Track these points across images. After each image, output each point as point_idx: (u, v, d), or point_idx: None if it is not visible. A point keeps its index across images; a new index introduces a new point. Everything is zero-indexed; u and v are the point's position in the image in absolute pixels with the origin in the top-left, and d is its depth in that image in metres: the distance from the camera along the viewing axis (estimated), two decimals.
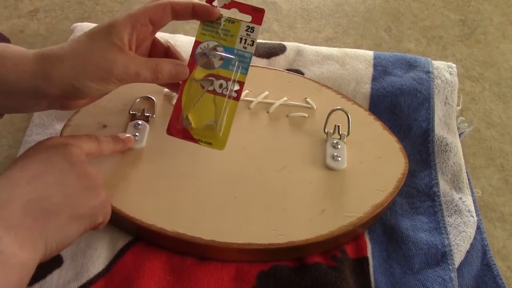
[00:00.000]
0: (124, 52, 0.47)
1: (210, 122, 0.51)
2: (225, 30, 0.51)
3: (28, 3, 0.79)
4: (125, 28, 0.47)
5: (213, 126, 0.51)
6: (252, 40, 0.51)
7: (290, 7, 0.81)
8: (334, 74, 0.66)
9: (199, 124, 0.51)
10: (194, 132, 0.51)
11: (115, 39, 0.46)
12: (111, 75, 0.46)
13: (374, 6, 0.83)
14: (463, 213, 0.56)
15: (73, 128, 0.57)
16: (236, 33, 0.51)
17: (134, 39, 0.48)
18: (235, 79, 0.51)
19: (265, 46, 0.69)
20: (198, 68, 0.51)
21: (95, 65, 0.46)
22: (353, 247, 0.54)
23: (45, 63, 0.45)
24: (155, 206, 0.52)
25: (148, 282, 0.49)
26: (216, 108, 0.51)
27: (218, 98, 0.51)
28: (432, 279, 0.51)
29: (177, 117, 0.51)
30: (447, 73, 0.67)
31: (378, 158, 0.57)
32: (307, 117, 0.60)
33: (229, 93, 0.51)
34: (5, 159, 0.61)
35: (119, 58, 0.46)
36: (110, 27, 0.47)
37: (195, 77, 0.51)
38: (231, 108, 0.51)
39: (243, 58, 0.51)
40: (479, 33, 0.80)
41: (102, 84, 0.46)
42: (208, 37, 0.51)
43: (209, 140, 0.51)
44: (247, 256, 0.51)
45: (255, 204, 0.53)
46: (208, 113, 0.51)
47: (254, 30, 0.51)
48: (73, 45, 0.46)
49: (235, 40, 0.51)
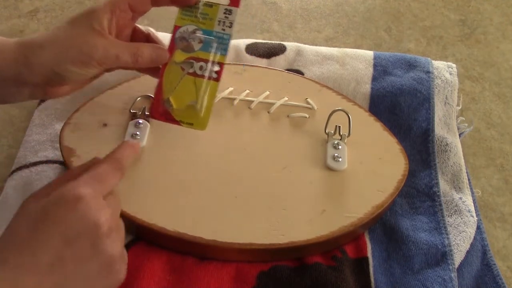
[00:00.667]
0: (104, 36, 0.48)
1: (191, 103, 0.52)
2: (203, 14, 0.52)
3: (28, 3, 0.79)
4: (105, 13, 0.48)
5: (194, 106, 0.52)
6: (230, 22, 0.52)
7: (290, 7, 0.81)
8: (334, 74, 0.66)
9: (180, 106, 0.52)
10: (176, 114, 0.52)
11: (95, 24, 0.47)
12: (92, 59, 0.47)
13: (374, 6, 0.83)
14: (463, 213, 0.56)
15: (73, 127, 0.57)
16: (214, 16, 0.52)
17: (113, 24, 0.49)
18: (215, 60, 0.52)
19: (265, 46, 0.69)
20: (178, 51, 0.52)
21: (76, 50, 0.47)
22: (353, 247, 0.54)
23: (26, 50, 0.46)
24: (156, 206, 0.52)
25: (148, 282, 0.49)
26: (196, 89, 0.52)
27: (198, 80, 0.52)
28: (432, 279, 0.51)
29: (159, 100, 0.52)
30: (447, 73, 0.67)
31: (378, 159, 0.57)
32: (307, 118, 0.60)
33: (209, 74, 0.52)
34: (5, 159, 0.61)
35: (99, 42, 0.47)
36: (90, 13, 0.48)
37: (175, 60, 0.52)
38: (212, 88, 0.52)
39: (222, 40, 0.52)
40: (479, 33, 0.80)
41: (83, 68, 0.47)
42: (187, 22, 0.52)
43: (190, 120, 0.52)
44: (248, 256, 0.51)
45: (256, 204, 0.53)
46: (189, 95, 0.52)
47: (232, 12, 0.52)
48: (53, 32, 0.47)
49: (213, 23, 0.52)
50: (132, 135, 0.56)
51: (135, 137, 0.56)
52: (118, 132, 0.57)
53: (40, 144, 0.59)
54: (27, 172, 0.56)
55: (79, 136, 0.56)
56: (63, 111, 0.62)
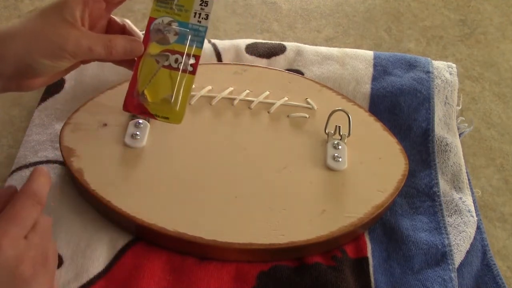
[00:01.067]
0: (76, 27, 0.47)
1: (167, 96, 0.51)
2: (179, 5, 0.52)
3: (28, 3, 0.79)
4: (77, 4, 0.47)
5: (169, 100, 0.51)
6: (206, 14, 0.51)
7: (290, 7, 0.81)
8: (334, 74, 0.66)
9: (155, 99, 0.51)
10: (151, 107, 0.52)
11: (67, 15, 0.46)
12: (64, 51, 0.46)
13: (374, 6, 0.83)
14: (463, 213, 0.56)
15: (73, 127, 0.57)
16: (190, 8, 0.51)
17: (86, 15, 0.48)
18: (190, 52, 0.51)
19: (265, 46, 0.69)
20: (153, 44, 0.52)
21: (47, 41, 0.46)
22: (353, 247, 0.54)
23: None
24: (156, 206, 0.52)
25: (148, 282, 0.49)
26: (172, 82, 0.51)
27: (173, 73, 0.51)
28: (432, 279, 0.51)
29: (133, 93, 0.52)
30: (447, 73, 0.67)
31: (378, 159, 0.57)
32: (307, 118, 0.60)
33: (185, 67, 0.51)
34: (5, 159, 0.61)
35: (71, 34, 0.46)
36: (61, 3, 0.47)
37: (150, 52, 0.51)
38: (188, 82, 0.51)
39: (198, 32, 0.52)
40: (479, 33, 0.80)
41: (55, 60, 0.47)
42: (162, 13, 0.52)
43: (166, 114, 0.52)
44: (248, 256, 0.51)
45: (256, 204, 0.53)
46: (164, 88, 0.51)
47: (208, 4, 0.51)
48: (25, 23, 0.46)
49: (189, 15, 0.51)
50: (132, 135, 0.56)
51: (135, 137, 0.56)
52: (118, 132, 0.57)
53: (40, 144, 0.59)
54: (27, 172, 0.56)
55: (79, 136, 0.56)
56: (63, 111, 0.62)
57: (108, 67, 0.58)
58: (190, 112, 0.59)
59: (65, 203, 0.54)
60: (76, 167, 0.54)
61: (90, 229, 0.53)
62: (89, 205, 0.54)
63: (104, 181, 0.53)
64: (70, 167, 0.54)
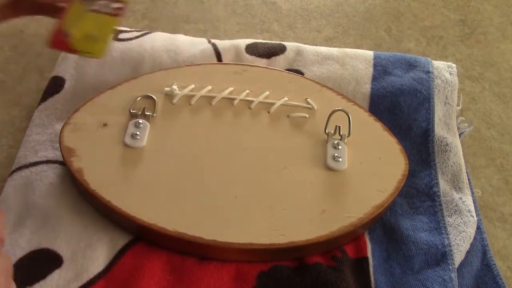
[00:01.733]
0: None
1: (90, 33, 0.53)
2: None
3: None
4: None
5: (93, 36, 0.53)
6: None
7: (290, 7, 0.81)
8: (334, 74, 0.66)
9: (80, 36, 0.53)
10: (75, 44, 0.53)
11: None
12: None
13: (374, 6, 0.83)
14: (463, 213, 0.56)
15: (73, 127, 0.57)
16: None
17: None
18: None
19: (265, 46, 0.69)
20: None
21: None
22: (353, 247, 0.54)
23: None
24: (156, 205, 0.52)
25: (148, 282, 0.49)
26: (96, 23, 0.54)
27: (99, 15, 0.54)
28: (432, 279, 0.51)
29: (60, 31, 0.53)
30: (447, 73, 0.67)
31: (378, 159, 0.57)
32: (307, 118, 0.60)
33: (110, 10, 0.54)
34: (5, 159, 0.61)
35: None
36: None
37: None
38: (111, 22, 0.54)
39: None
40: (479, 33, 0.80)
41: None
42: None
43: (88, 50, 0.54)
44: (248, 256, 0.51)
45: (256, 204, 0.53)
46: (89, 28, 0.54)
47: None
48: None
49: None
50: (132, 135, 0.56)
51: (135, 137, 0.56)
52: (118, 132, 0.57)
53: (40, 144, 0.59)
54: (27, 172, 0.56)
55: (79, 136, 0.56)
56: (63, 111, 0.62)
57: (108, 67, 0.58)
58: (190, 112, 0.59)
59: (65, 203, 0.54)
60: (76, 167, 0.54)
61: (90, 229, 0.53)
62: (89, 205, 0.54)
63: (104, 181, 0.53)
64: (70, 167, 0.54)
